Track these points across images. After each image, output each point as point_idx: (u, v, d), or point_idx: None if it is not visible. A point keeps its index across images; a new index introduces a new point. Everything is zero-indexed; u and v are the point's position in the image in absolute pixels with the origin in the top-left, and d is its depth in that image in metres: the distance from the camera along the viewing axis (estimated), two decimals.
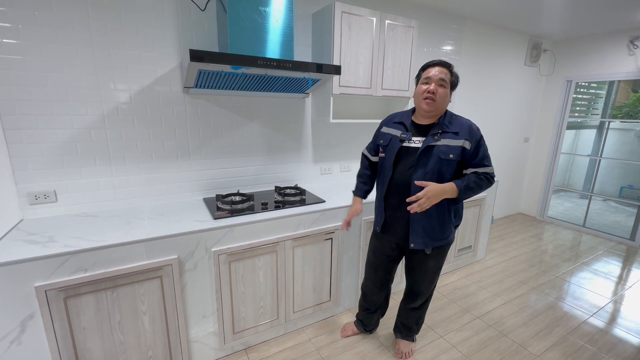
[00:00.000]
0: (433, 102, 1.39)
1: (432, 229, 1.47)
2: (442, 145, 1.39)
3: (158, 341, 1.50)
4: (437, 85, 1.38)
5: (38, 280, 1.20)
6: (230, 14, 1.55)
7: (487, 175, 1.43)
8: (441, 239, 1.50)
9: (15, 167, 1.53)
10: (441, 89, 1.38)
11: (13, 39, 1.41)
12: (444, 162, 1.39)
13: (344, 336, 1.93)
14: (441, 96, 1.38)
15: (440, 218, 1.47)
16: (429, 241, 1.49)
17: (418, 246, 1.49)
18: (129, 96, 1.70)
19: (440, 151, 1.38)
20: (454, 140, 1.39)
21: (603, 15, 2.87)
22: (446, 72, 1.40)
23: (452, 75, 1.42)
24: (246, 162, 2.14)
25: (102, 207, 1.74)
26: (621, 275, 2.81)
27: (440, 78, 1.38)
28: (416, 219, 1.46)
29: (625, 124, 4.95)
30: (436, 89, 1.38)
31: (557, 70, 3.89)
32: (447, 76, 1.39)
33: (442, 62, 1.42)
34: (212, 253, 1.55)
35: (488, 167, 1.44)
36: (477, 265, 2.89)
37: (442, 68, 1.40)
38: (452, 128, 1.41)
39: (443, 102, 1.40)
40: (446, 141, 1.39)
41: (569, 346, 1.91)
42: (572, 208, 4.84)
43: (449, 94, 1.42)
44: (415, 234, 1.48)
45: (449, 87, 1.41)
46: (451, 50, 3.01)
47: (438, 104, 1.39)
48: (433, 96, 1.38)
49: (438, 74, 1.38)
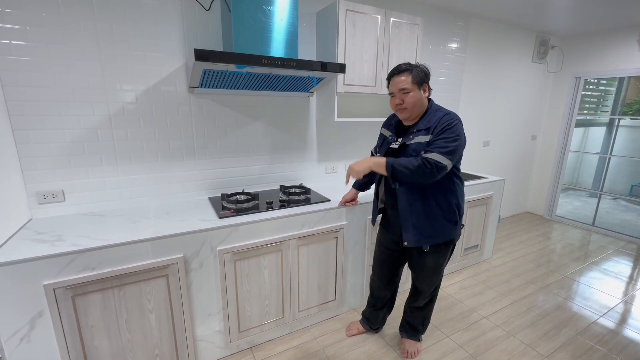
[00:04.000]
0: (405, 109, 1.44)
1: (421, 225, 1.48)
2: (414, 142, 1.42)
3: (164, 339, 1.51)
4: (401, 95, 1.42)
5: (46, 278, 1.22)
6: (235, 13, 1.55)
7: (426, 159, 1.32)
8: (433, 235, 1.50)
9: (24, 167, 1.55)
10: (407, 96, 1.41)
11: (21, 40, 1.43)
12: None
13: (349, 335, 1.93)
14: (410, 102, 1.42)
15: (427, 214, 1.47)
16: (421, 238, 1.50)
17: (411, 244, 1.51)
18: (135, 96, 1.71)
19: (412, 149, 1.42)
20: (424, 137, 1.40)
21: (612, 11, 2.82)
22: (404, 78, 1.40)
23: (412, 76, 1.39)
24: (251, 161, 2.15)
25: (109, 207, 1.76)
26: (632, 275, 2.76)
27: (400, 89, 1.41)
28: (405, 216, 1.50)
29: (635, 121, 4.85)
30: (402, 99, 1.42)
31: (565, 66, 3.82)
32: (407, 82, 1.40)
33: (399, 69, 1.43)
34: (218, 252, 1.55)
35: (433, 153, 1.33)
36: (484, 265, 2.86)
37: (400, 76, 1.42)
38: (426, 125, 1.42)
39: (415, 106, 1.43)
40: (419, 138, 1.42)
41: (578, 347, 1.88)
42: (581, 207, 4.76)
43: (419, 94, 1.41)
44: (406, 231, 1.51)
45: (416, 87, 1.40)
46: (457, 47, 2.98)
47: (410, 110, 1.44)
48: (402, 106, 1.43)
49: (398, 85, 1.42)
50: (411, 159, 1.37)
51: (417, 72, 1.41)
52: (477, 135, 3.46)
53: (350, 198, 1.89)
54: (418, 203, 1.46)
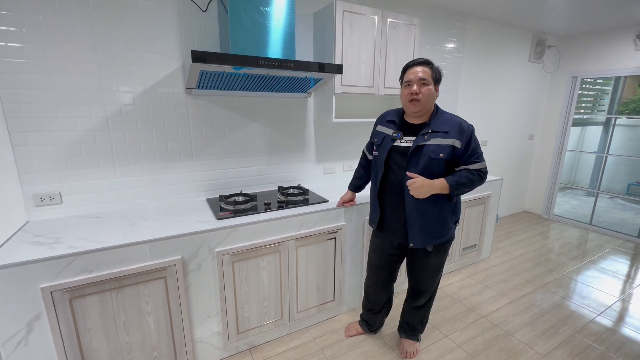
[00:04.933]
0: (419, 102, 1.41)
1: (429, 227, 1.48)
2: (432, 144, 1.40)
3: (163, 341, 1.51)
4: (419, 85, 1.40)
5: (44, 281, 1.21)
6: (232, 14, 1.55)
7: (479, 171, 1.43)
8: (440, 236, 1.50)
9: (21, 170, 1.54)
10: (424, 87, 1.40)
11: (17, 42, 1.43)
12: (434, 162, 1.40)
13: (347, 336, 1.93)
14: (425, 95, 1.40)
15: (436, 216, 1.47)
16: (427, 239, 1.49)
17: (417, 245, 1.50)
18: (132, 98, 1.71)
19: (431, 151, 1.40)
20: (444, 140, 1.40)
21: (608, 11, 2.83)
22: (426, 69, 1.40)
23: (432, 72, 1.42)
24: (249, 162, 2.14)
25: (107, 208, 1.76)
26: (629, 273, 2.77)
27: (420, 78, 1.40)
28: (412, 217, 1.47)
29: (632, 120, 4.87)
30: (419, 89, 1.40)
31: (562, 66, 3.84)
32: (427, 74, 1.40)
33: (420, 60, 1.43)
34: (216, 253, 1.55)
35: (479, 163, 1.43)
36: (482, 264, 2.86)
37: (421, 67, 1.41)
38: (442, 127, 1.41)
39: (429, 100, 1.42)
40: (436, 140, 1.40)
41: (576, 346, 1.88)
42: (578, 206, 4.78)
43: (433, 91, 1.42)
44: (413, 233, 1.49)
45: (432, 83, 1.41)
46: (454, 47, 2.99)
47: (424, 103, 1.41)
48: (417, 97, 1.40)
49: (418, 74, 1.40)
50: (468, 175, 1.41)
51: (436, 69, 1.44)
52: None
53: (348, 199, 1.88)
54: (427, 205, 1.44)
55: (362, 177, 1.82)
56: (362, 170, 1.81)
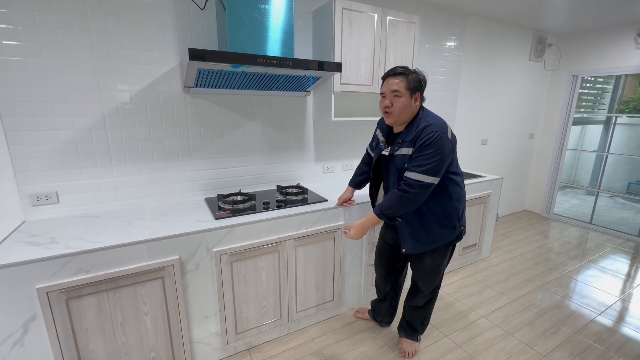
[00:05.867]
0: (391, 114, 1.41)
1: (418, 234, 1.50)
2: (399, 155, 1.42)
3: (160, 342, 1.50)
4: (392, 98, 1.39)
5: (40, 282, 1.20)
6: (230, 12, 1.53)
7: (407, 183, 1.33)
8: (431, 242, 1.50)
9: (17, 169, 1.53)
10: (397, 99, 1.38)
11: (13, 40, 1.41)
12: (402, 172, 1.40)
13: (354, 316, 2.06)
14: (397, 107, 1.38)
15: (422, 224, 1.48)
16: (418, 245, 1.51)
17: (409, 251, 1.54)
18: (129, 96, 1.69)
19: (397, 161, 1.43)
20: (407, 149, 1.40)
21: (609, 9, 2.81)
22: (399, 81, 1.37)
23: (407, 82, 1.36)
24: (247, 161, 2.13)
25: (104, 208, 1.74)
26: (629, 272, 2.76)
27: (392, 90, 1.38)
28: (401, 225, 1.52)
29: (632, 119, 4.86)
30: (391, 102, 1.39)
31: (562, 65, 3.82)
32: (401, 85, 1.36)
33: (394, 71, 1.40)
34: (214, 253, 1.54)
35: (414, 173, 1.32)
36: (482, 264, 2.85)
37: (394, 79, 1.38)
38: (408, 137, 1.40)
39: (402, 112, 1.39)
40: (402, 150, 1.41)
41: (576, 345, 1.88)
42: (578, 205, 4.77)
43: (407, 102, 1.38)
44: (404, 239, 1.54)
45: (408, 94, 1.37)
46: (454, 46, 2.98)
47: (397, 116, 1.40)
48: (389, 109, 1.40)
49: (391, 86, 1.38)
50: (390, 195, 1.40)
51: (413, 78, 1.37)
52: (475, 134, 3.46)
53: (347, 197, 1.88)
54: (410, 214, 1.45)
55: (364, 174, 1.82)
56: (365, 167, 1.82)
